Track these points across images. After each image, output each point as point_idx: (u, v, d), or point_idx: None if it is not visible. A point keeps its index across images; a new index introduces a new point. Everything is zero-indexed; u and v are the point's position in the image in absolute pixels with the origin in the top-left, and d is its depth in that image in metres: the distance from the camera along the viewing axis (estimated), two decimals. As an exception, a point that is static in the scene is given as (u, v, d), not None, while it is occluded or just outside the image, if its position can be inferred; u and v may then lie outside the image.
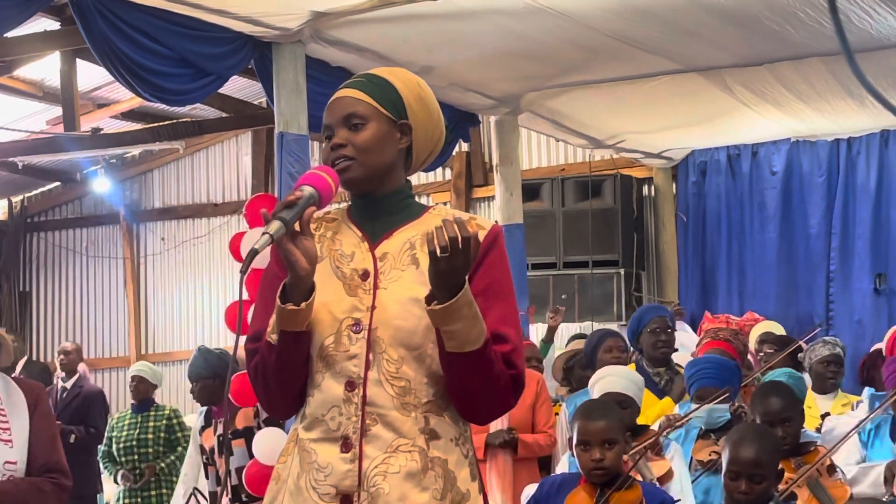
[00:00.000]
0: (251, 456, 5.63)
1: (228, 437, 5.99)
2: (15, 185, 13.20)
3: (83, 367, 9.36)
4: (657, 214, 11.14)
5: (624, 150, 10.27)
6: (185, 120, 10.30)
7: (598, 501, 3.80)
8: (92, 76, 9.39)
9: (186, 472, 6.93)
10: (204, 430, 6.32)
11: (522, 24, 6.49)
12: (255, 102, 10.91)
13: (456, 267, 2.33)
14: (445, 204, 11.12)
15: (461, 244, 2.31)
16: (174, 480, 7.76)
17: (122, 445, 8.12)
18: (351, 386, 2.48)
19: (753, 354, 7.61)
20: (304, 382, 2.55)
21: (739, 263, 10.66)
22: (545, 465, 6.16)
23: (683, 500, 4.26)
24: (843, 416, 5.59)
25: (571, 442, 3.95)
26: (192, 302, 12.97)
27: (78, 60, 8.19)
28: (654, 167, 11.02)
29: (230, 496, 6.00)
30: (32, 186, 13.57)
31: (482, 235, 2.52)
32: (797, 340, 7.32)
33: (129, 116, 11.14)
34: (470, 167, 11.79)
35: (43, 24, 7.91)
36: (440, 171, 11.84)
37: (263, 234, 2.37)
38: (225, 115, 10.66)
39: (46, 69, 9.39)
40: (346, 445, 2.47)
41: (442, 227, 2.33)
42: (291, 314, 2.44)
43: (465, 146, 11.36)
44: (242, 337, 2.52)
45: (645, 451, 4.28)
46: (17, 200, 13.72)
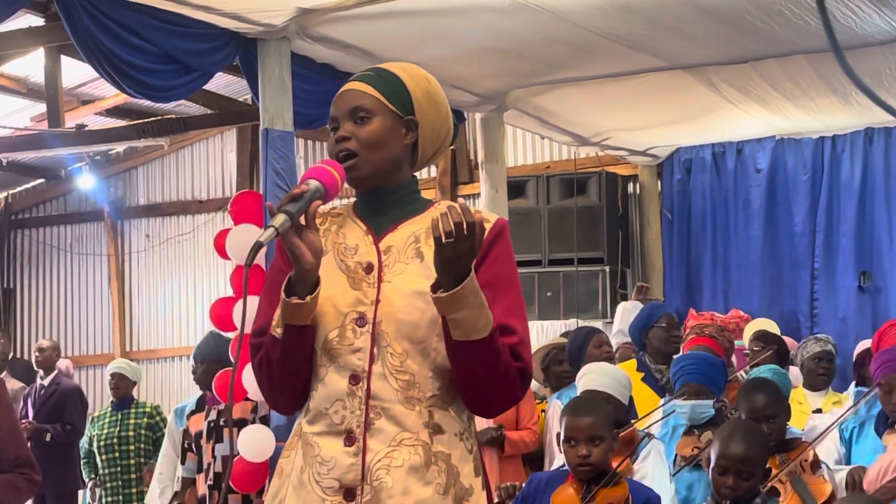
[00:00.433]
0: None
1: (222, 423, 6.00)
2: (-1, 181, 13.17)
3: (66, 363, 9.33)
4: (642, 212, 11.12)
5: (609, 147, 10.26)
6: (169, 117, 10.27)
7: (584, 498, 3.81)
8: (76, 72, 9.35)
9: (162, 471, 6.93)
10: (193, 413, 6.31)
11: (508, 20, 6.49)
12: (240, 99, 10.85)
13: (461, 253, 2.33)
14: (431, 201, 11.09)
15: (466, 230, 2.31)
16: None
17: (102, 443, 8.07)
18: (355, 379, 2.48)
19: (738, 352, 7.61)
20: (308, 377, 2.54)
21: (724, 261, 10.65)
22: (529, 461, 6.17)
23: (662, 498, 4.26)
24: (828, 414, 5.62)
25: (559, 437, 3.96)
26: (176, 299, 12.91)
27: (62, 57, 8.17)
28: (639, 165, 11.01)
29: (212, 482, 6.00)
30: (16, 183, 13.49)
31: (487, 228, 2.51)
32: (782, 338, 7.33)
33: (113, 113, 11.09)
34: (455, 164, 11.76)
35: (27, 20, 7.87)
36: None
37: (269, 227, 2.36)
38: (210, 111, 10.60)
39: (31, 65, 9.35)
40: (349, 439, 2.47)
41: (447, 213, 2.33)
42: (296, 308, 2.43)
43: (450, 143, 11.34)
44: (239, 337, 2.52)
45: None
46: (0, 197, 13.65)
